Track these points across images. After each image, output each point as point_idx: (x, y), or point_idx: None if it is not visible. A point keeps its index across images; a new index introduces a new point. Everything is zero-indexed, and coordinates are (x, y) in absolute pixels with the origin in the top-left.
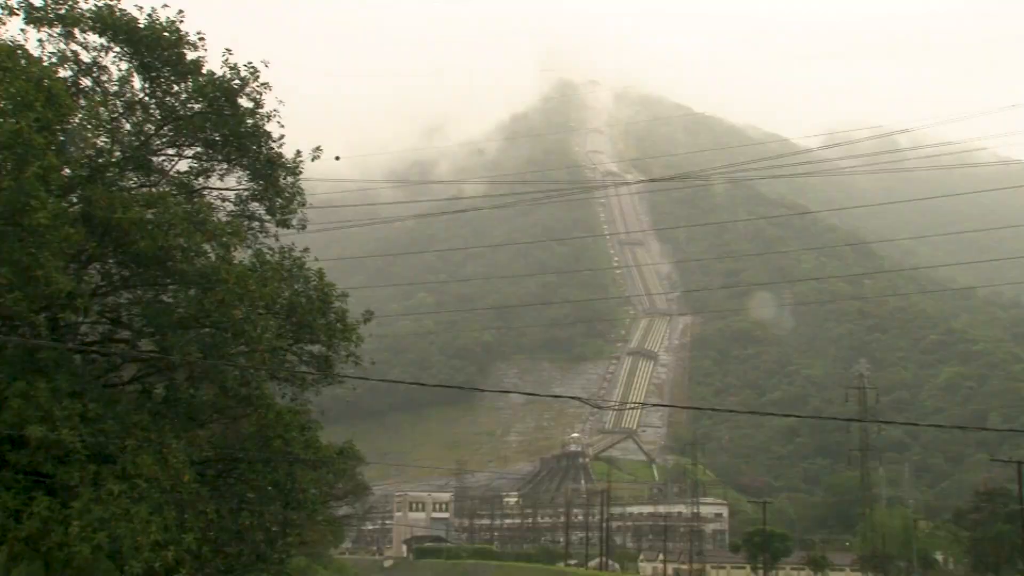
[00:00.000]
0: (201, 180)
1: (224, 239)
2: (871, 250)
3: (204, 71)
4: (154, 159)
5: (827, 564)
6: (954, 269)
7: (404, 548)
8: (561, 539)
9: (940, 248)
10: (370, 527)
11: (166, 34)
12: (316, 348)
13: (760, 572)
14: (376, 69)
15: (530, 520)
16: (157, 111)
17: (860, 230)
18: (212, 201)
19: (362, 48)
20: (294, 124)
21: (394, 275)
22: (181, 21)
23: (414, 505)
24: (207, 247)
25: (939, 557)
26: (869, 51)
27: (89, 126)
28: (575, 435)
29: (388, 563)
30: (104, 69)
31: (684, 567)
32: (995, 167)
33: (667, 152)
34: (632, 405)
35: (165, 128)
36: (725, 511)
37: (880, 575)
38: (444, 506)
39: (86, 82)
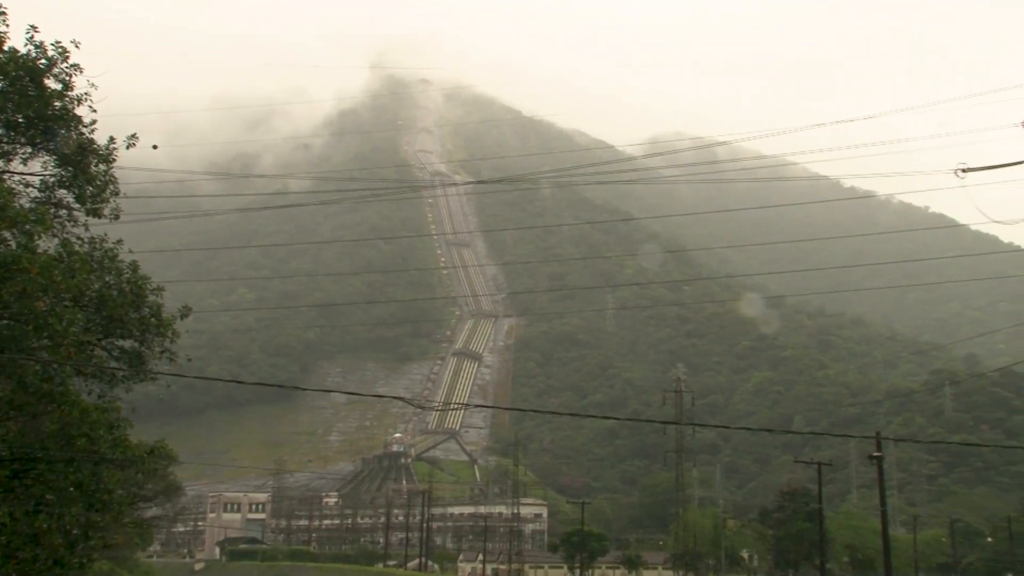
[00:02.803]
0: (1, 163)
1: (27, 227)
2: (690, 257)
3: (6, 48)
4: None
5: (641, 563)
6: (766, 278)
7: (217, 550)
8: (381, 540)
9: (754, 257)
10: (181, 529)
11: None
12: (128, 343)
13: (577, 571)
14: (199, 58)
15: (350, 521)
16: None
17: (680, 237)
18: (13, 187)
19: (185, 35)
20: (108, 109)
21: (213, 270)
22: None
23: (229, 506)
24: (7, 235)
25: (745, 554)
26: (692, 64)
27: None
28: (398, 435)
29: (199, 566)
30: None
31: (503, 567)
32: (805, 182)
33: (496, 154)
34: (455, 406)
35: None
36: (545, 512)
37: (690, 573)
38: (260, 507)
39: None
